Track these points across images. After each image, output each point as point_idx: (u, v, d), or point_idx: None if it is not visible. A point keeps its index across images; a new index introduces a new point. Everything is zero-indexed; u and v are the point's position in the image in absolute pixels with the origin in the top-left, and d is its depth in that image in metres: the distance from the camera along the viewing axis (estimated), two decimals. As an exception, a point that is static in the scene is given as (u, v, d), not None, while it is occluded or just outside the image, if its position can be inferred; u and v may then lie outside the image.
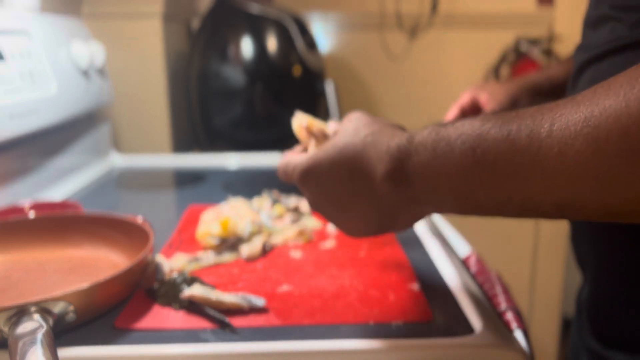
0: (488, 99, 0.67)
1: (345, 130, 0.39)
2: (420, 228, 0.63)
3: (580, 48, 0.48)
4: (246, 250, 0.56)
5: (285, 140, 1.17)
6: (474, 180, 0.31)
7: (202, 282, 0.48)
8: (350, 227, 0.40)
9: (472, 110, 0.69)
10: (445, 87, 1.55)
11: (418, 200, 0.35)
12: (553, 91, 0.70)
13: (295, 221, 0.65)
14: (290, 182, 0.43)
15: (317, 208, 0.41)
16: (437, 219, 0.76)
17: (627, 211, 0.27)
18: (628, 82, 0.25)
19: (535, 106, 0.29)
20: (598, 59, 0.43)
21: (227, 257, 0.55)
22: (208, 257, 0.55)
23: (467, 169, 0.30)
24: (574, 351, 0.55)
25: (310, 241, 0.61)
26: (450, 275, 0.50)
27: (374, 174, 0.36)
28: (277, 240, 0.60)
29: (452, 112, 0.70)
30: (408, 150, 0.34)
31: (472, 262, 0.60)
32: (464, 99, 0.70)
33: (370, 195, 0.37)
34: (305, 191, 0.41)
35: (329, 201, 0.39)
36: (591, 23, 0.46)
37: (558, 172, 0.27)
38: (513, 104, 0.69)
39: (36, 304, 0.38)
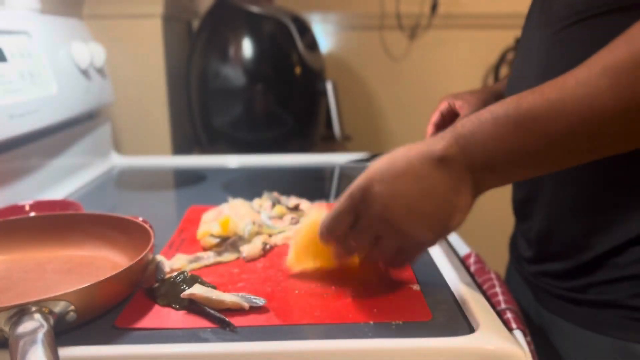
0: (462, 104, 0.76)
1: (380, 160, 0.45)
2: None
3: (534, 27, 0.55)
4: (246, 250, 0.56)
5: (286, 140, 1.17)
6: (518, 133, 0.39)
7: (203, 282, 0.48)
8: (418, 224, 0.43)
9: (449, 114, 0.79)
10: (445, 87, 1.55)
11: (476, 165, 0.41)
12: None
13: (295, 221, 0.65)
14: (346, 217, 0.45)
15: (387, 213, 0.42)
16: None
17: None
18: (630, 34, 0.35)
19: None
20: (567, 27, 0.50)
21: (228, 257, 0.55)
22: (208, 257, 0.55)
23: (511, 125, 0.39)
24: (510, 287, 0.62)
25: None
26: (450, 275, 0.50)
27: (433, 153, 0.41)
28: (277, 240, 0.60)
29: (434, 116, 0.80)
30: (455, 129, 0.41)
31: (472, 262, 0.61)
32: (442, 105, 0.80)
33: (434, 174, 0.41)
34: (372, 204, 0.43)
35: (397, 197, 0.42)
36: None
37: (588, 114, 0.36)
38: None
39: (37, 303, 0.38)
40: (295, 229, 0.61)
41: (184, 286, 0.46)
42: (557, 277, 0.56)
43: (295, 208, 0.70)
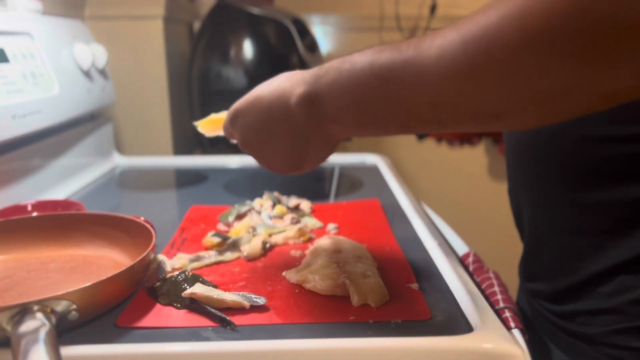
0: None
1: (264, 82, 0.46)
2: (420, 228, 0.63)
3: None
4: (247, 249, 0.56)
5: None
6: (371, 89, 0.37)
7: (204, 281, 0.48)
8: (272, 159, 0.46)
9: None
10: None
11: (326, 119, 0.41)
12: None
13: (295, 221, 0.66)
14: (228, 132, 0.50)
15: (246, 144, 0.47)
16: (436, 218, 0.76)
17: (490, 112, 0.33)
18: (489, 6, 0.31)
19: None
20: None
21: (228, 256, 0.56)
22: (209, 257, 0.55)
23: (366, 80, 0.37)
24: (521, 309, 0.64)
25: (311, 240, 0.61)
26: (449, 274, 0.50)
27: (290, 99, 0.42)
28: (277, 239, 0.60)
29: None
30: (318, 74, 0.40)
31: (470, 261, 0.61)
32: None
33: (286, 120, 0.42)
34: (235, 131, 0.48)
35: (254, 133, 0.46)
36: None
37: (436, 73, 0.33)
38: None
39: (39, 302, 0.38)
40: (295, 227, 0.62)
41: (185, 285, 0.47)
42: (547, 299, 0.55)
43: (296, 208, 0.70)
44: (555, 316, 0.53)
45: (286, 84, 0.43)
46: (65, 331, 0.41)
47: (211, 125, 0.59)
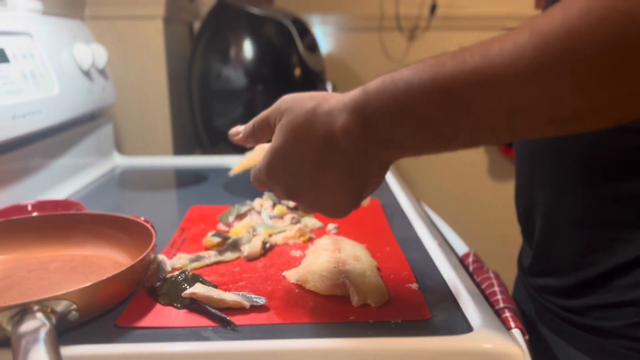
0: None
1: (289, 110, 0.40)
2: (420, 228, 0.63)
3: None
4: (247, 249, 0.56)
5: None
6: (436, 106, 0.33)
7: (204, 281, 0.48)
8: (329, 200, 0.40)
9: None
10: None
11: (382, 145, 0.37)
12: None
13: (295, 221, 0.66)
14: (264, 184, 0.44)
15: (293, 194, 0.41)
16: (436, 218, 0.76)
17: (570, 115, 0.31)
18: (566, 4, 0.29)
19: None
20: None
21: (228, 256, 0.56)
22: (209, 256, 0.55)
23: (429, 97, 0.33)
24: (518, 302, 0.62)
25: (311, 240, 0.61)
26: (449, 274, 0.50)
27: (333, 133, 0.37)
28: (277, 239, 0.60)
29: None
30: (364, 99, 0.36)
31: (470, 261, 0.61)
32: None
33: (335, 155, 0.38)
34: (276, 184, 0.42)
35: (300, 180, 0.40)
36: None
37: (513, 79, 0.30)
38: None
39: (39, 302, 0.38)
40: (295, 227, 0.62)
41: (185, 285, 0.47)
42: (557, 294, 0.54)
43: (296, 208, 0.70)
44: (566, 311, 0.53)
45: (323, 116, 0.38)
46: (65, 331, 0.41)
47: (242, 168, 0.58)
